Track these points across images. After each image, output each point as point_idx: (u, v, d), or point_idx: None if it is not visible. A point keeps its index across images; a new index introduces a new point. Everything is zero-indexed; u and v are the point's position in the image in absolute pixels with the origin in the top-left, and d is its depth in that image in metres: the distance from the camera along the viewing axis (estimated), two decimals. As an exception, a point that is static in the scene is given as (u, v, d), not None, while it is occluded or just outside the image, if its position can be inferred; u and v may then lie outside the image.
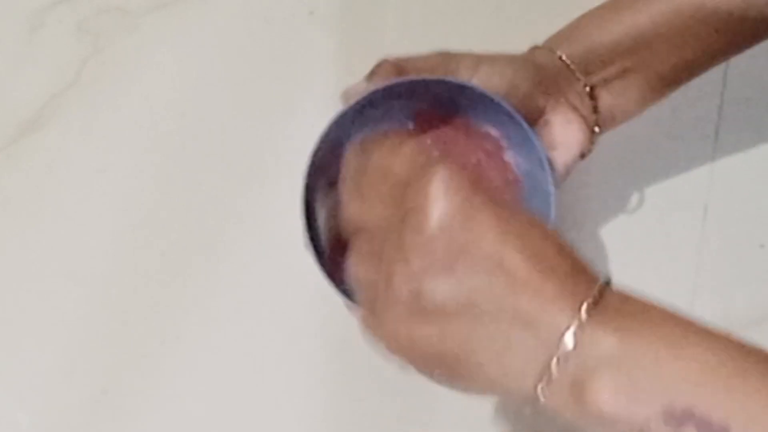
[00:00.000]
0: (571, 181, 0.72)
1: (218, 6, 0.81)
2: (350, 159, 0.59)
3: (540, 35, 0.67)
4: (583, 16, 0.66)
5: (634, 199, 0.74)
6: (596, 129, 0.65)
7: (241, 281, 0.74)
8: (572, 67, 0.64)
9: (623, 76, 0.65)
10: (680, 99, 0.75)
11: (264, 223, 0.75)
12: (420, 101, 0.65)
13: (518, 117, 0.62)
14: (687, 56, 0.65)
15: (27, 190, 0.77)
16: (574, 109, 0.64)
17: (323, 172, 0.63)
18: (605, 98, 0.65)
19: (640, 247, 0.73)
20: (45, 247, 0.75)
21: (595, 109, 0.65)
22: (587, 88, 0.64)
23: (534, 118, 0.64)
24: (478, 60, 0.63)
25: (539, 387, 0.48)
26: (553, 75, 0.64)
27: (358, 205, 0.56)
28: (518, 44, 0.67)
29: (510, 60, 0.64)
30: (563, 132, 0.64)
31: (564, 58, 0.64)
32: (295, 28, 0.80)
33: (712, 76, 0.71)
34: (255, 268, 0.74)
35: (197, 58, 0.80)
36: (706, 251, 0.72)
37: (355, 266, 0.54)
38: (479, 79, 0.63)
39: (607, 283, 0.50)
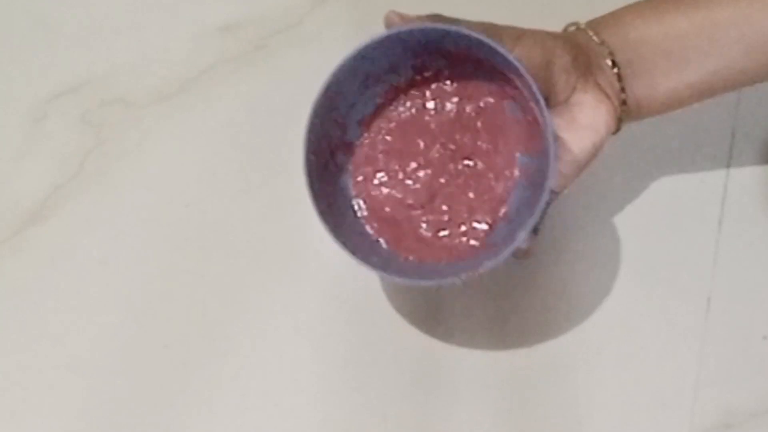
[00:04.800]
0: (571, 268, 0.73)
1: (221, 98, 0.82)
2: None
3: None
4: (626, 9, 0.68)
5: (637, 291, 0.74)
6: (622, 117, 0.68)
7: (245, 374, 0.74)
8: (606, 52, 0.67)
9: (653, 72, 0.67)
10: (680, 185, 0.76)
11: (268, 316, 0.75)
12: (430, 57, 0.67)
13: (518, 65, 0.63)
14: (715, 70, 0.67)
15: (30, 282, 0.77)
16: (604, 92, 0.66)
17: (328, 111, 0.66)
18: (632, 88, 0.67)
19: (642, 339, 0.73)
20: (47, 338, 0.75)
21: (623, 97, 0.67)
22: (617, 74, 0.67)
23: (565, 94, 0.66)
24: (521, 32, 0.66)
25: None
26: (588, 56, 0.66)
27: None
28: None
29: (550, 35, 0.66)
30: (592, 113, 0.66)
31: (600, 42, 0.67)
32: (299, 119, 0.80)
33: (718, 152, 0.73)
34: (258, 362, 0.74)
35: (200, 149, 0.80)
36: (709, 343, 0.72)
37: None
38: (521, 50, 0.65)
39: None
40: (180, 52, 0.83)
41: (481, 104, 0.69)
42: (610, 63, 0.67)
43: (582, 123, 0.66)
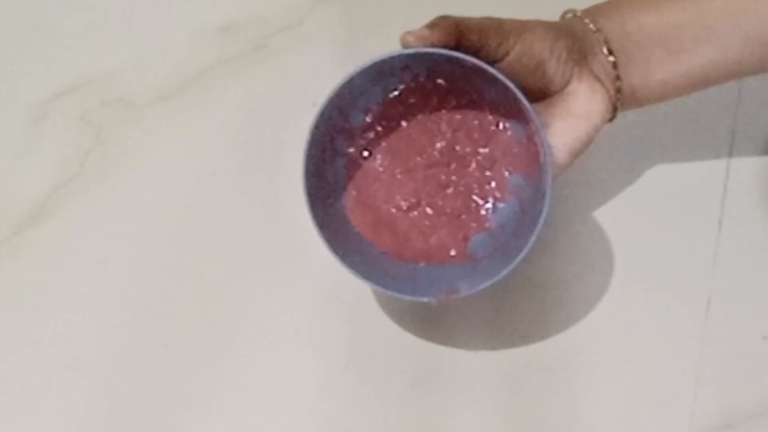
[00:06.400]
0: (571, 268, 0.73)
1: (221, 98, 0.82)
2: None
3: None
4: None
5: (637, 291, 0.74)
6: (617, 105, 0.68)
7: (244, 375, 0.74)
8: (602, 40, 0.67)
9: (648, 60, 0.67)
10: (680, 185, 0.76)
11: (268, 316, 0.75)
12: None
13: (519, 93, 0.64)
14: (711, 59, 0.67)
15: (30, 282, 0.77)
16: (599, 80, 0.67)
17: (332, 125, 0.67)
18: (627, 75, 0.67)
19: (642, 339, 0.73)
20: (47, 338, 0.75)
21: (618, 85, 0.67)
22: (612, 63, 0.67)
23: (561, 84, 0.66)
24: (523, 27, 0.66)
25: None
26: (583, 45, 0.67)
27: None
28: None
29: (548, 26, 0.66)
30: (587, 102, 0.66)
31: (596, 30, 0.67)
32: (299, 119, 0.80)
33: (718, 147, 0.72)
34: (258, 362, 0.74)
35: (200, 149, 0.80)
36: (709, 343, 0.72)
37: None
38: (523, 46, 0.65)
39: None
40: (180, 52, 0.83)
41: (486, 119, 0.69)
42: (605, 51, 0.67)
43: (576, 112, 0.66)
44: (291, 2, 0.84)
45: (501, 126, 0.69)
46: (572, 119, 0.66)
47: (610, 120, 0.68)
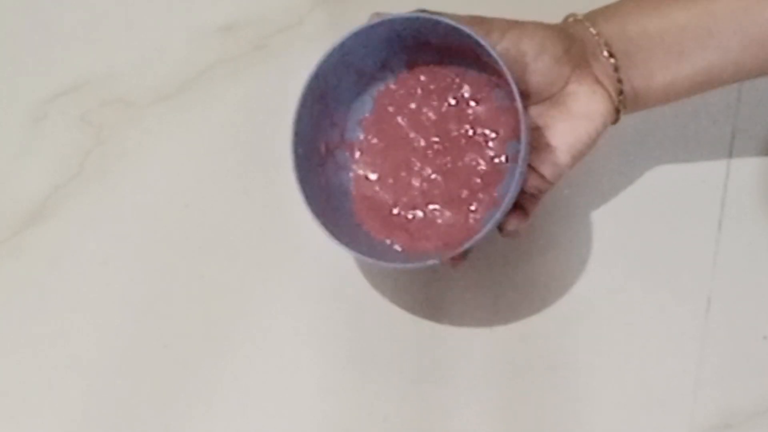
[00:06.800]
0: (571, 268, 0.73)
1: (220, 98, 0.82)
2: None
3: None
4: (625, 0, 0.69)
5: (636, 291, 0.74)
6: (620, 107, 0.68)
7: (244, 375, 0.74)
8: (602, 43, 0.67)
9: (650, 63, 0.67)
10: (680, 185, 0.76)
11: (268, 316, 0.75)
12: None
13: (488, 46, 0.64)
14: (713, 62, 0.67)
15: (30, 282, 0.77)
16: (599, 82, 0.67)
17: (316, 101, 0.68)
18: (629, 78, 0.67)
19: (642, 339, 0.73)
20: (47, 338, 0.75)
21: (620, 88, 0.67)
22: (614, 65, 0.67)
23: (559, 85, 0.66)
24: (511, 24, 0.66)
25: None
26: (583, 47, 0.67)
27: None
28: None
29: (541, 26, 0.67)
30: (587, 103, 0.67)
31: (597, 33, 0.67)
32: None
33: (717, 151, 0.72)
34: (258, 361, 0.74)
35: (200, 149, 0.80)
36: (709, 343, 0.72)
37: None
38: (509, 41, 0.65)
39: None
40: (180, 52, 0.83)
41: (473, 95, 0.69)
42: (606, 53, 0.67)
43: (577, 112, 0.67)
44: (291, 2, 0.84)
45: (487, 98, 0.69)
46: (573, 120, 0.66)
47: (614, 123, 0.68)
